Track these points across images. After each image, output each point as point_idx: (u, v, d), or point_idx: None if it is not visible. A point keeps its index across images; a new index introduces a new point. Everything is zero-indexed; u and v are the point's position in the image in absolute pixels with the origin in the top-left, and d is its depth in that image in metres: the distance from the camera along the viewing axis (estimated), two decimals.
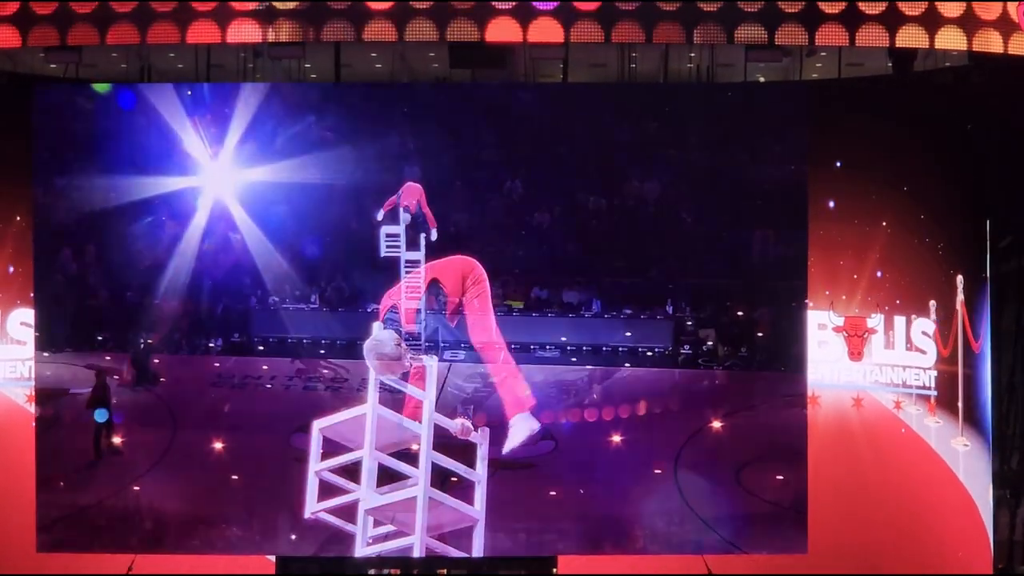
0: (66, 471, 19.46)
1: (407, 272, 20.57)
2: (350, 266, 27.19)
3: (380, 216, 21.00)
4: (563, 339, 25.64)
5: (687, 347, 25.40)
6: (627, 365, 24.51)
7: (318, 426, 19.51)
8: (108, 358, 22.16)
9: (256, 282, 27.51)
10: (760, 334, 25.63)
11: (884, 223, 16.22)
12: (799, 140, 16.04)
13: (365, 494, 18.30)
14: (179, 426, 21.46)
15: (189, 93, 28.09)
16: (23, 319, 16.63)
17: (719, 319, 26.37)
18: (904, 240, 16.11)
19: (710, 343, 25.82)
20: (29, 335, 16.53)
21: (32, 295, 16.60)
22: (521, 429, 19.65)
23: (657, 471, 20.15)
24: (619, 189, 29.37)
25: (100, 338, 25.68)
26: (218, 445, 20.77)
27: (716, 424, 21.63)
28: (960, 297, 15.64)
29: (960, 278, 15.71)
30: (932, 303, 15.84)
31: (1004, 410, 16.60)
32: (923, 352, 16.01)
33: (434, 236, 20.91)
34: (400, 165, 24.57)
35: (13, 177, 16.27)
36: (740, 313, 26.38)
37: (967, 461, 15.79)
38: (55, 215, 27.53)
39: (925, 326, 16.02)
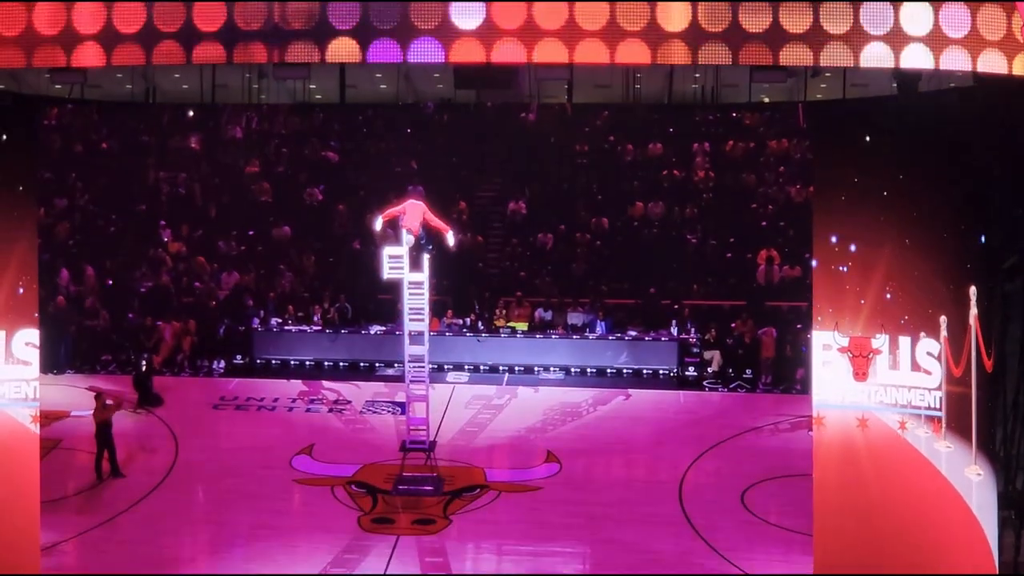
0: (68, 494, 19.90)
1: (411, 294, 20.83)
2: (353, 287, 27.57)
3: (378, 226, 21.26)
4: (567, 361, 26.23)
5: (692, 369, 26.22)
6: (630, 389, 25.09)
7: None
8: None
9: (259, 303, 28.06)
10: (766, 355, 26.03)
11: (889, 243, 16.25)
12: (805, 160, 15.94)
13: None
14: (181, 449, 21.90)
15: (191, 113, 28.74)
16: (28, 339, 16.47)
17: (724, 340, 26.96)
18: (909, 260, 16.18)
19: (715, 365, 26.24)
20: (34, 355, 16.46)
21: (36, 315, 16.41)
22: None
23: (662, 494, 20.18)
24: (623, 210, 29.78)
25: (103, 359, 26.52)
26: (220, 468, 21.03)
27: (721, 446, 22.11)
28: (974, 311, 15.66)
29: (973, 289, 15.73)
30: (943, 319, 15.92)
31: (1009, 429, 16.73)
32: (928, 373, 16.06)
33: (452, 241, 21.17)
34: (403, 185, 24.79)
35: (19, 197, 16.17)
36: (745, 334, 26.69)
37: (980, 492, 15.82)
38: (57, 235, 28.12)
39: (930, 346, 16.06)
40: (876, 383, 16.31)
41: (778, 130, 28.06)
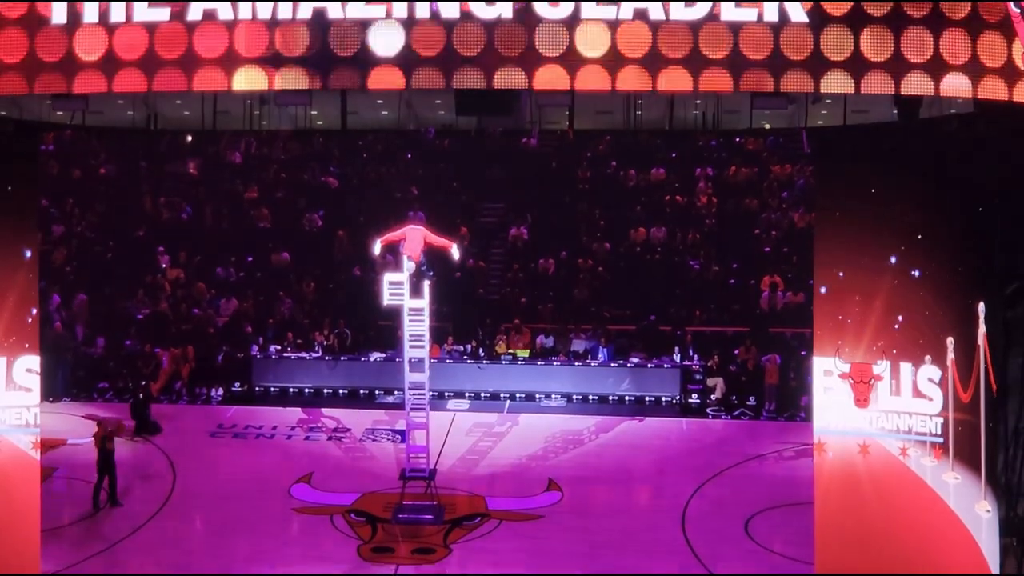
0: (65, 523, 19.86)
1: (411, 320, 21.03)
2: (353, 314, 27.82)
3: (377, 250, 21.57)
4: (569, 388, 26.36)
5: (695, 396, 26.46)
6: (632, 417, 25.29)
7: None
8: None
9: (258, 330, 28.29)
10: (770, 382, 26.19)
11: (890, 269, 16.57)
12: (808, 186, 16.22)
13: None
14: (179, 477, 22.01)
15: (189, 139, 28.98)
16: (29, 366, 16.78)
17: (727, 367, 27.13)
18: (911, 286, 16.49)
19: (719, 392, 26.41)
20: (35, 382, 16.76)
21: (37, 342, 16.70)
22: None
23: (664, 523, 20.26)
24: (625, 235, 29.99)
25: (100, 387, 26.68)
26: (218, 496, 21.09)
27: (725, 474, 22.25)
28: (982, 329, 15.98)
29: (982, 306, 16.04)
30: (950, 340, 16.20)
31: (1011, 456, 16.93)
32: (929, 399, 16.34)
33: (456, 254, 21.69)
34: (404, 210, 25.11)
35: (21, 223, 16.49)
36: (749, 361, 26.87)
37: (962, 499, 16.18)
38: (53, 262, 28.31)
39: (931, 373, 16.34)
40: (877, 409, 16.60)
41: (781, 155, 28.42)
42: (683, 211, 29.63)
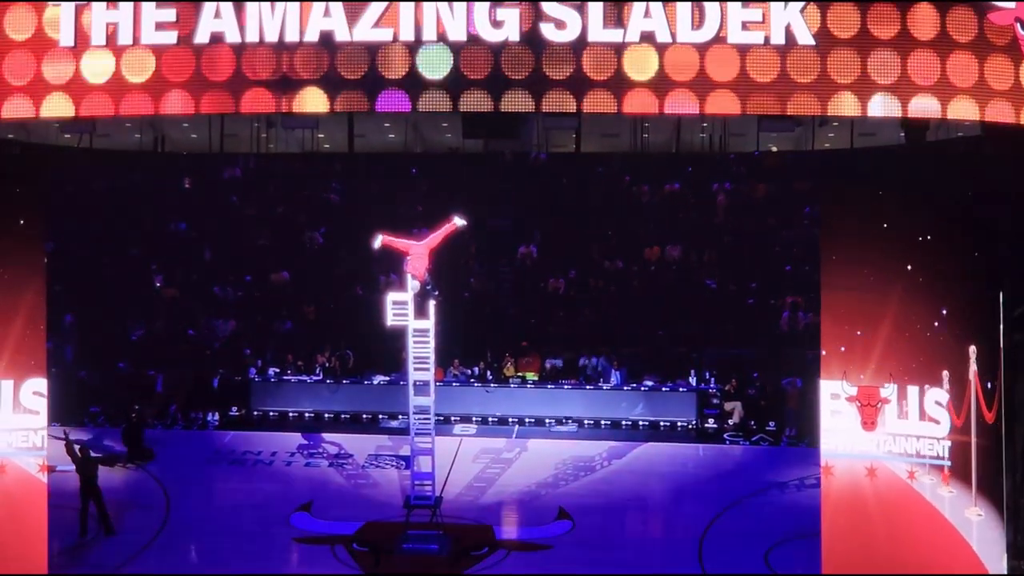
0: (54, 552, 19.83)
1: (415, 342, 21.81)
2: (355, 335, 28.33)
3: (377, 244, 22.19)
4: (581, 412, 27.09)
5: (712, 420, 27.22)
6: (647, 443, 26.01)
7: None
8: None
9: (256, 352, 28.60)
10: (790, 407, 26.72)
11: (897, 293, 18.01)
12: (816, 209, 17.34)
13: None
14: (173, 506, 22.85)
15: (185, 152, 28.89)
16: (36, 388, 18.33)
17: (746, 391, 27.53)
18: (917, 310, 17.90)
19: (736, 417, 26.97)
20: (42, 404, 18.27)
21: (44, 364, 18.26)
22: None
23: (680, 554, 21.08)
24: (639, 253, 30.57)
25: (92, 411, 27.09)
26: (214, 526, 21.98)
27: (744, 503, 22.98)
28: (973, 368, 17.41)
29: (973, 348, 17.47)
30: (945, 373, 17.65)
31: (1018, 480, 18.25)
32: (937, 422, 17.76)
33: (461, 222, 22.20)
34: (410, 229, 25.32)
35: (28, 247, 17.86)
36: (768, 384, 27.48)
37: (980, 531, 17.43)
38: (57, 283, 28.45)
39: (938, 396, 17.74)
40: (885, 432, 18.05)
41: (802, 170, 28.79)
42: (699, 228, 30.24)
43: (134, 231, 30.28)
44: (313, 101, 16.44)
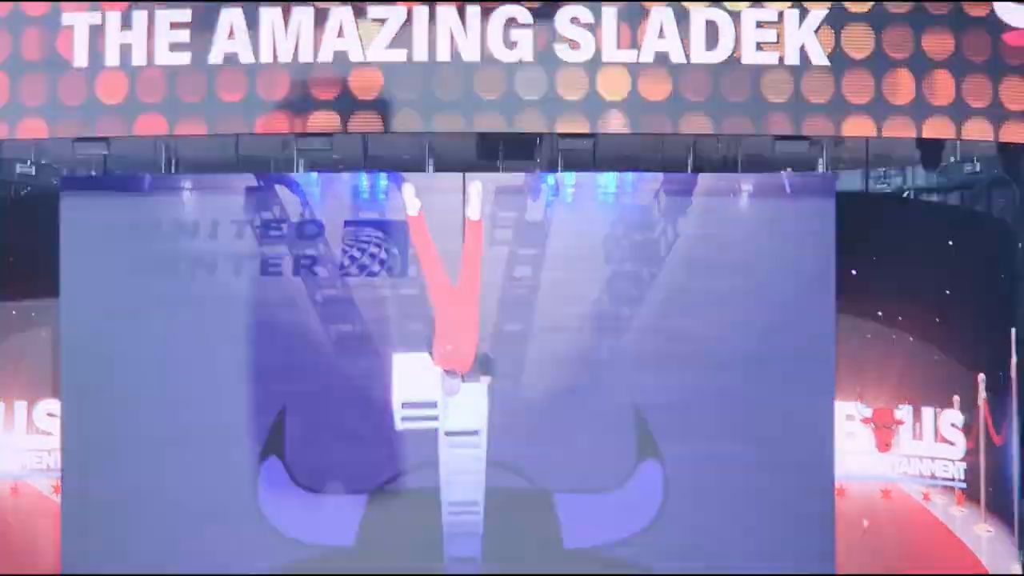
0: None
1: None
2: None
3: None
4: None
5: None
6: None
7: None
8: None
9: None
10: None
11: (912, 314, 18.10)
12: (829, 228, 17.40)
13: None
14: None
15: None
16: (50, 410, 18.27)
17: None
18: (930, 333, 17.97)
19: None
20: (54, 425, 18.14)
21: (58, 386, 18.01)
22: None
23: None
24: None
25: None
26: None
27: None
28: (982, 395, 17.57)
29: (982, 376, 17.64)
30: (956, 398, 17.76)
31: None
32: (952, 444, 17.80)
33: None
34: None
35: (45, 264, 17.77)
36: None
37: (991, 546, 17.58)
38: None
39: (954, 417, 17.83)
40: (899, 454, 18.12)
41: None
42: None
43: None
44: (327, 122, 16.35)
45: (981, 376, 17.69)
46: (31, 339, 18.48)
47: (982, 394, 17.64)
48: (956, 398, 17.82)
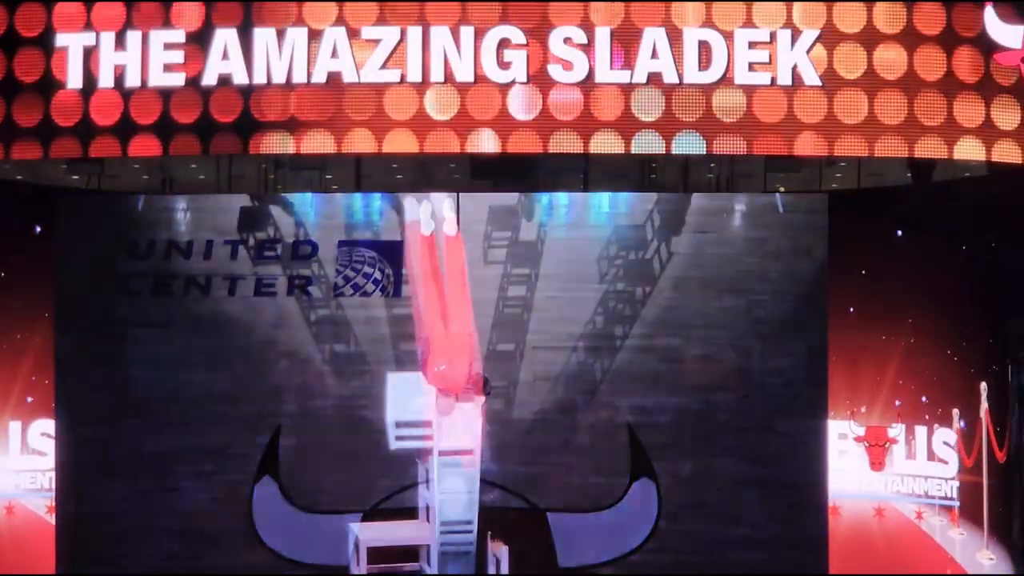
0: None
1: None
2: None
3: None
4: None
5: None
6: None
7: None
8: None
9: None
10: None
11: (905, 333, 18.22)
12: (821, 251, 17.38)
13: None
14: None
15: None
16: (44, 430, 18.27)
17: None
18: (925, 350, 18.07)
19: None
20: (49, 446, 18.13)
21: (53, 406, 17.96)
22: None
23: None
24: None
25: None
26: None
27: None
28: (984, 405, 17.54)
29: (984, 385, 17.61)
30: (955, 411, 17.76)
31: None
32: (945, 463, 17.83)
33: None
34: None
35: (39, 285, 17.78)
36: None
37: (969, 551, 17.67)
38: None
39: (947, 436, 17.87)
40: (892, 473, 18.16)
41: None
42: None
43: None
44: (320, 142, 16.24)
45: (983, 385, 17.74)
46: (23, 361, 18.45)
47: (984, 404, 17.68)
48: (955, 411, 17.85)
